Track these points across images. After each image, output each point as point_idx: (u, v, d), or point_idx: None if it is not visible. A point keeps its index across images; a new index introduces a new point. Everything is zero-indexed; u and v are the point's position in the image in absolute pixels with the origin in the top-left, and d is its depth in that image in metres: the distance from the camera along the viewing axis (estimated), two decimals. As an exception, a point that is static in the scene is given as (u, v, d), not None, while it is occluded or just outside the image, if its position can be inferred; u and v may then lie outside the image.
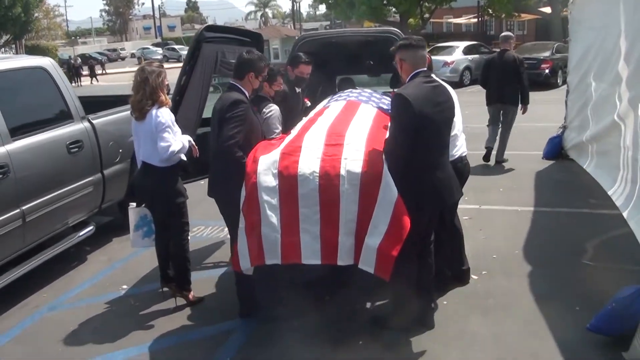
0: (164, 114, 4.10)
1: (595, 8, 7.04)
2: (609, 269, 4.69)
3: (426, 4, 32.04)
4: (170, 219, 4.33)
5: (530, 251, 5.13)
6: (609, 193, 5.73)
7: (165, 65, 4.93)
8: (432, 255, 3.93)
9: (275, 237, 3.54)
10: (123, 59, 56.18)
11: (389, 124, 3.80)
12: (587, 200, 6.46)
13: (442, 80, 4.07)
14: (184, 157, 4.32)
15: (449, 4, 32.45)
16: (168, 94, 4.32)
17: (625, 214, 5.01)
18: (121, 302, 4.59)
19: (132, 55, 55.05)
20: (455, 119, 4.07)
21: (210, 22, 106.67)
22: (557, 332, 3.75)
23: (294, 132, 4.13)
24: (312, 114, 4.62)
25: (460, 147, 4.26)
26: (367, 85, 6.22)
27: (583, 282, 4.46)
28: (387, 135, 3.75)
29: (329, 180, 3.49)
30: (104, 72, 40.55)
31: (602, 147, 6.60)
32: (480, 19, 32.56)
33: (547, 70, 17.81)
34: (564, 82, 18.56)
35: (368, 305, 4.33)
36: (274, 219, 3.53)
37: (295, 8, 44.45)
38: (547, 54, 18.43)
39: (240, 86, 3.89)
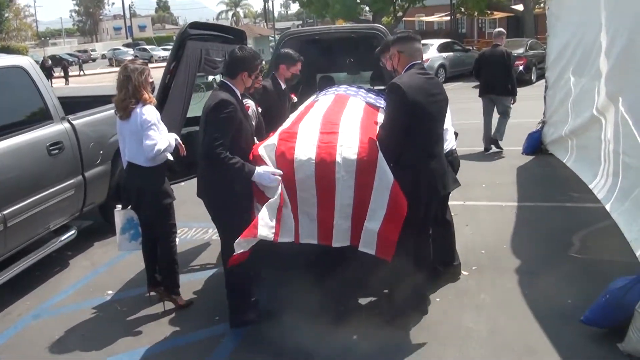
0: (150, 112, 4.00)
1: (573, 3, 7.11)
2: (597, 262, 4.72)
3: (399, 2, 32.18)
4: (157, 221, 4.23)
5: (518, 246, 5.15)
6: (590, 187, 5.79)
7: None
8: (430, 248, 3.94)
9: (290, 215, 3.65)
10: (94, 60, 55.28)
11: (383, 112, 3.83)
12: (570, 194, 6.52)
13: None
14: (170, 157, 4.23)
15: (422, 2, 32.64)
16: (153, 92, 4.22)
17: (607, 207, 5.06)
18: (107, 308, 4.46)
19: (103, 56, 54.23)
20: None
21: (181, 22, 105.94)
22: (552, 327, 3.76)
23: (289, 121, 4.17)
24: (302, 107, 4.60)
25: (450, 140, 4.26)
26: (347, 83, 6.16)
27: (573, 276, 4.48)
28: (381, 123, 3.79)
29: (325, 166, 3.57)
30: (82, 73, 39.85)
31: (582, 141, 6.67)
32: (452, 17, 32.76)
33: (521, 67, 17.97)
34: (538, 78, 19.04)
35: (361, 301, 4.30)
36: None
37: (267, 7, 44.19)
38: (520, 50, 18.62)
39: (231, 85, 3.76)
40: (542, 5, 27.32)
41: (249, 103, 4.30)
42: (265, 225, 3.50)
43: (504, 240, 5.30)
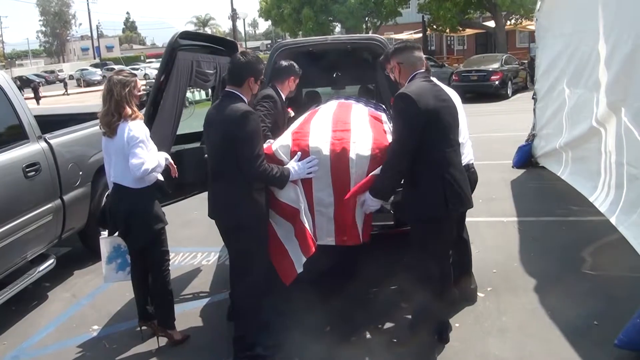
0: (137, 128, 3.63)
1: (565, 14, 7.01)
2: (612, 279, 4.51)
3: (372, 19, 32.40)
4: (148, 248, 3.84)
5: (528, 264, 4.91)
6: (591, 199, 5.63)
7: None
8: (451, 269, 3.70)
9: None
10: (61, 80, 54.14)
11: (393, 127, 3.60)
12: (569, 207, 6.36)
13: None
14: (160, 177, 3.87)
15: (395, 19, 32.93)
16: (142, 106, 3.87)
17: (613, 220, 4.89)
18: (94, 346, 4.02)
19: (71, 77, 53.21)
20: (460, 126, 3.87)
21: (148, 42, 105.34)
22: (584, 351, 3.50)
23: (297, 123, 4.07)
24: (305, 114, 4.38)
25: (467, 154, 3.99)
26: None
27: (591, 294, 4.26)
28: (392, 138, 3.54)
29: (340, 163, 3.55)
30: (66, 92, 39.07)
31: (578, 153, 6.52)
32: (424, 34, 33.04)
33: (497, 82, 18.12)
34: (514, 93, 19.21)
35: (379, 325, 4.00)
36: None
37: (235, 27, 43.77)
38: (496, 65, 18.76)
39: (239, 94, 3.44)
40: (512, 22, 27.82)
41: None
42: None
43: (513, 258, 5.06)
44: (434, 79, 4.00)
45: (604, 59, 5.24)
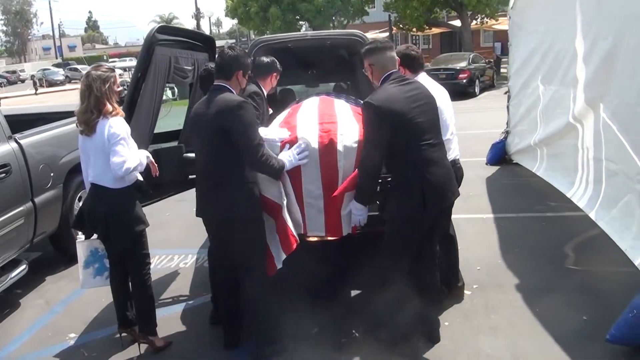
0: (118, 125, 3.46)
1: (538, 11, 7.06)
2: (597, 273, 4.53)
3: (339, 18, 32.41)
4: (128, 251, 3.68)
5: (512, 260, 4.90)
6: (569, 195, 5.67)
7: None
8: (437, 268, 3.65)
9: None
10: (23, 81, 52.58)
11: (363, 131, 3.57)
12: (547, 203, 6.40)
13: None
14: (140, 177, 3.71)
15: (362, 18, 33.00)
16: (121, 103, 3.70)
17: (592, 215, 4.93)
18: (72, 355, 3.83)
19: (32, 77, 51.87)
20: (447, 122, 3.83)
21: (111, 42, 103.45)
22: (576, 347, 3.49)
23: (282, 115, 4.06)
24: (288, 109, 4.27)
25: (453, 150, 3.96)
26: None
27: (578, 289, 4.27)
28: (363, 144, 3.50)
29: (328, 155, 3.54)
30: (36, 92, 37.64)
31: (554, 149, 6.57)
32: (390, 32, 33.19)
33: (464, 80, 18.26)
34: (481, 91, 19.42)
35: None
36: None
37: (199, 26, 43.23)
38: (463, 64, 18.92)
39: (228, 87, 3.34)
40: (477, 21, 28.15)
41: None
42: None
43: (497, 255, 5.05)
44: (424, 75, 3.97)
45: (582, 56, 5.27)
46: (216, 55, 3.58)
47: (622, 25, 4.26)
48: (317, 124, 3.71)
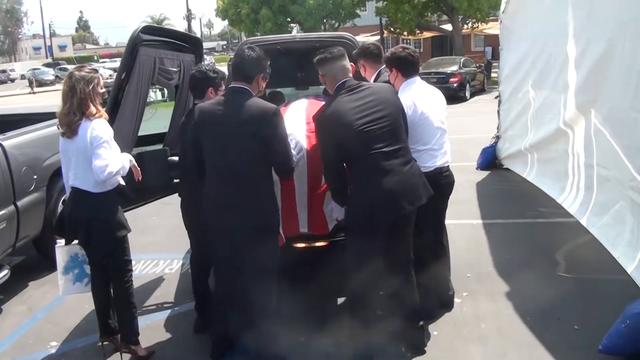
0: (101, 127, 3.36)
1: (530, 16, 7.02)
2: (589, 281, 4.48)
3: (330, 21, 32.37)
4: (110, 257, 3.58)
5: (502, 267, 4.84)
6: (559, 201, 5.64)
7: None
8: (412, 277, 3.55)
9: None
10: (13, 80, 52.14)
11: None
12: (537, 209, 6.35)
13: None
14: (122, 181, 3.61)
15: (352, 21, 32.98)
16: (104, 104, 3.60)
17: (583, 222, 4.89)
18: (52, 364, 3.72)
19: (22, 77, 51.34)
20: (436, 126, 3.80)
21: (101, 42, 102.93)
22: (567, 357, 3.44)
23: None
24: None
25: (440, 157, 3.83)
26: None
27: (569, 298, 4.21)
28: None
29: (314, 154, 3.57)
30: (32, 90, 37.29)
31: (544, 154, 6.54)
32: (381, 36, 33.21)
33: (455, 84, 18.27)
34: (472, 95, 19.43)
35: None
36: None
37: (191, 27, 42.99)
38: (454, 68, 18.95)
39: (250, 90, 3.26)
40: (469, 25, 28.21)
41: None
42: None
43: (487, 262, 4.99)
44: (418, 80, 3.88)
45: (574, 60, 5.23)
46: (235, 56, 3.48)
47: (616, 30, 4.21)
48: (305, 124, 3.75)
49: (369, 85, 3.46)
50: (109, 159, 3.33)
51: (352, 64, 3.70)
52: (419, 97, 3.74)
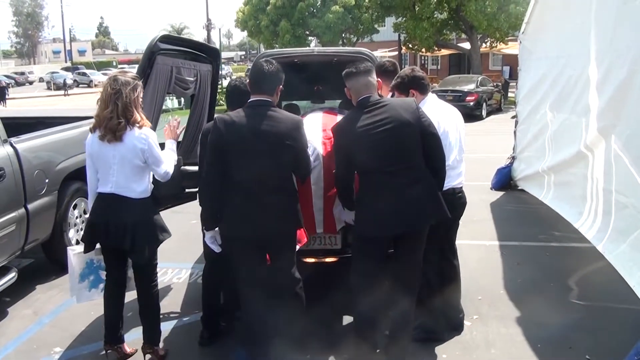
0: (152, 137, 3.40)
1: (551, 37, 6.97)
2: (602, 309, 4.39)
3: (348, 35, 32.45)
4: (147, 262, 3.58)
5: (514, 291, 4.76)
6: (576, 226, 5.54)
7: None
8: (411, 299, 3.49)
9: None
10: (31, 83, 52.92)
11: None
12: (551, 232, 6.27)
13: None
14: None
15: (371, 37, 33.05)
16: None
17: (600, 248, 4.79)
18: (55, 371, 3.69)
19: (41, 80, 52.04)
20: (453, 145, 3.78)
21: (121, 48, 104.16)
22: (579, 388, 3.34)
23: None
24: None
25: (454, 176, 3.80)
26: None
27: (581, 326, 4.12)
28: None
29: (330, 160, 3.76)
30: (66, 93, 38.10)
31: (562, 177, 6.44)
32: (399, 52, 33.26)
33: (472, 103, 18.19)
34: (488, 114, 19.34)
35: None
36: None
37: (210, 37, 43.37)
38: (471, 86, 18.88)
39: (272, 102, 3.29)
40: (487, 44, 28.14)
41: None
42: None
43: (498, 285, 4.91)
44: (433, 97, 3.85)
45: (596, 84, 5.16)
46: (254, 70, 3.45)
47: (638, 55, 4.15)
48: (321, 131, 3.96)
49: (388, 102, 3.44)
50: (167, 162, 3.49)
51: (379, 80, 3.70)
52: (436, 114, 3.70)
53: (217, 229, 3.36)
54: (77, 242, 5.27)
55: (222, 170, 3.23)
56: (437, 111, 3.78)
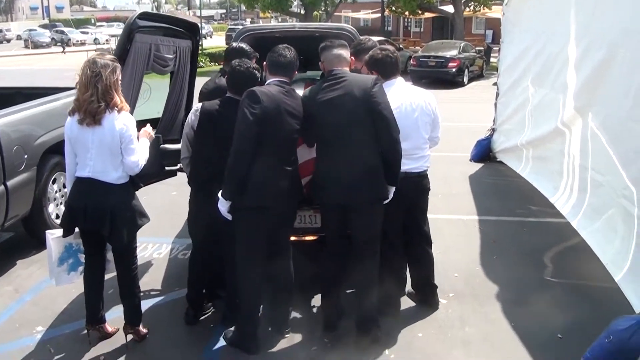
0: (131, 121, 3.39)
1: (534, 11, 6.94)
2: (575, 287, 4.50)
3: (332, -5, 31.96)
4: (128, 246, 3.60)
5: (490, 268, 4.85)
6: (552, 200, 5.63)
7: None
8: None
9: None
10: (9, 40, 51.31)
11: None
12: (529, 207, 6.38)
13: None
14: None
15: (354, -2, 32.59)
16: None
17: (574, 224, 4.89)
18: (37, 352, 3.67)
19: (18, 37, 50.49)
20: (421, 130, 3.87)
21: (99, 5, 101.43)
22: (550, 366, 3.46)
23: None
24: None
25: (417, 160, 3.86)
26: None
27: (554, 304, 4.23)
28: None
29: None
30: (63, 51, 37.19)
31: (540, 152, 6.51)
32: (382, 14, 32.83)
33: (454, 69, 18.16)
34: (470, 81, 19.32)
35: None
36: None
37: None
38: (454, 52, 18.79)
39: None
40: (470, 8, 27.90)
41: None
42: None
43: (475, 261, 5.00)
44: (400, 82, 3.85)
45: (574, 62, 5.19)
46: (276, 54, 3.58)
47: (618, 37, 4.17)
48: None
49: (347, 78, 3.51)
50: (139, 153, 3.42)
51: (352, 57, 3.79)
52: (397, 98, 3.70)
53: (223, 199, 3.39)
54: (57, 217, 5.25)
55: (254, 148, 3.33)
56: (401, 95, 3.77)
